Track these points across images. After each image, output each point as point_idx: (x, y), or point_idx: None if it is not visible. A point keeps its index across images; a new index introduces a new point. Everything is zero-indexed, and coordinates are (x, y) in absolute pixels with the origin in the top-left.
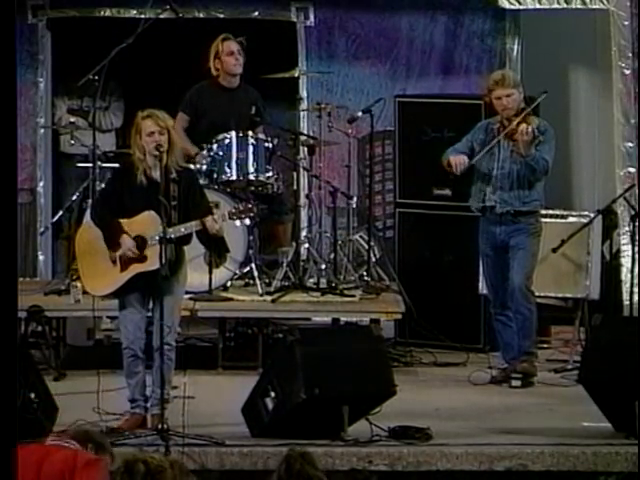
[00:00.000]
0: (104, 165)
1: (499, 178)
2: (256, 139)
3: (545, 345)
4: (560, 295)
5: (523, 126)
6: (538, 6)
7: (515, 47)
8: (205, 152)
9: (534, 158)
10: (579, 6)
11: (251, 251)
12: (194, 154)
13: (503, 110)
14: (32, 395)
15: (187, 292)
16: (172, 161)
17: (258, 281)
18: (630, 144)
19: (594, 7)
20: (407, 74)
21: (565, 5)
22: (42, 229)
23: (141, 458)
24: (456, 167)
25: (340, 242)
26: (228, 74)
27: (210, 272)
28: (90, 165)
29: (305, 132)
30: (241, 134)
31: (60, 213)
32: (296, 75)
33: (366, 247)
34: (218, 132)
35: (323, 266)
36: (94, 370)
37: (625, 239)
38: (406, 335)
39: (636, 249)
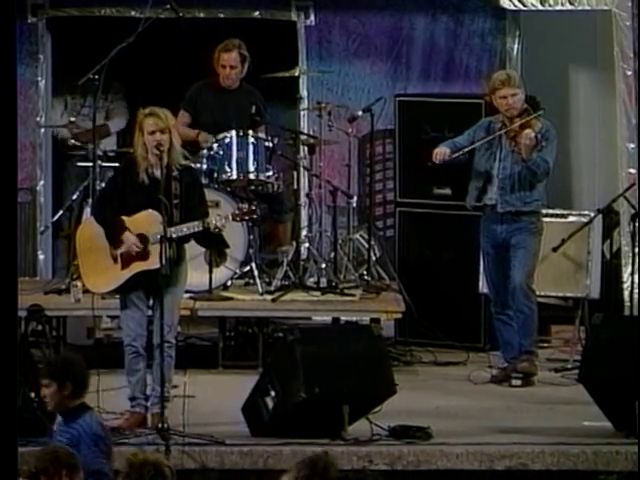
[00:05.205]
0: (104, 164)
1: (500, 179)
2: (256, 138)
3: (545, 344)
4: (560, 294)
5: (527, 131)
6: (541, 7)
7: (515, 47)
8: (205, 151)
9: (535, 162)
10: (584, 7)
11: (251, 250)
12: (195, 135)
13: (507, 110)
14: (32, 394)
15: (187, 291)
16: (172, 160)
17: (258, 280)
18: (632, 145)
19: (597, 8)
20: (407, 73)
21: (570, 7)
22: (42, 228)
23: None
24: (435, 156)
25: (340, 241)
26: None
27: (210, 271)
28: (90, 164)
29: (305, 131)
30: (241, 133)
31: (60, 212)
32: (296, 74)
33: (366, 246)
34: (218, 131)
35: (323, 265)
36: (94, 369)
37: (625, 238)
38: (406, 334)
39: (636, 249)
